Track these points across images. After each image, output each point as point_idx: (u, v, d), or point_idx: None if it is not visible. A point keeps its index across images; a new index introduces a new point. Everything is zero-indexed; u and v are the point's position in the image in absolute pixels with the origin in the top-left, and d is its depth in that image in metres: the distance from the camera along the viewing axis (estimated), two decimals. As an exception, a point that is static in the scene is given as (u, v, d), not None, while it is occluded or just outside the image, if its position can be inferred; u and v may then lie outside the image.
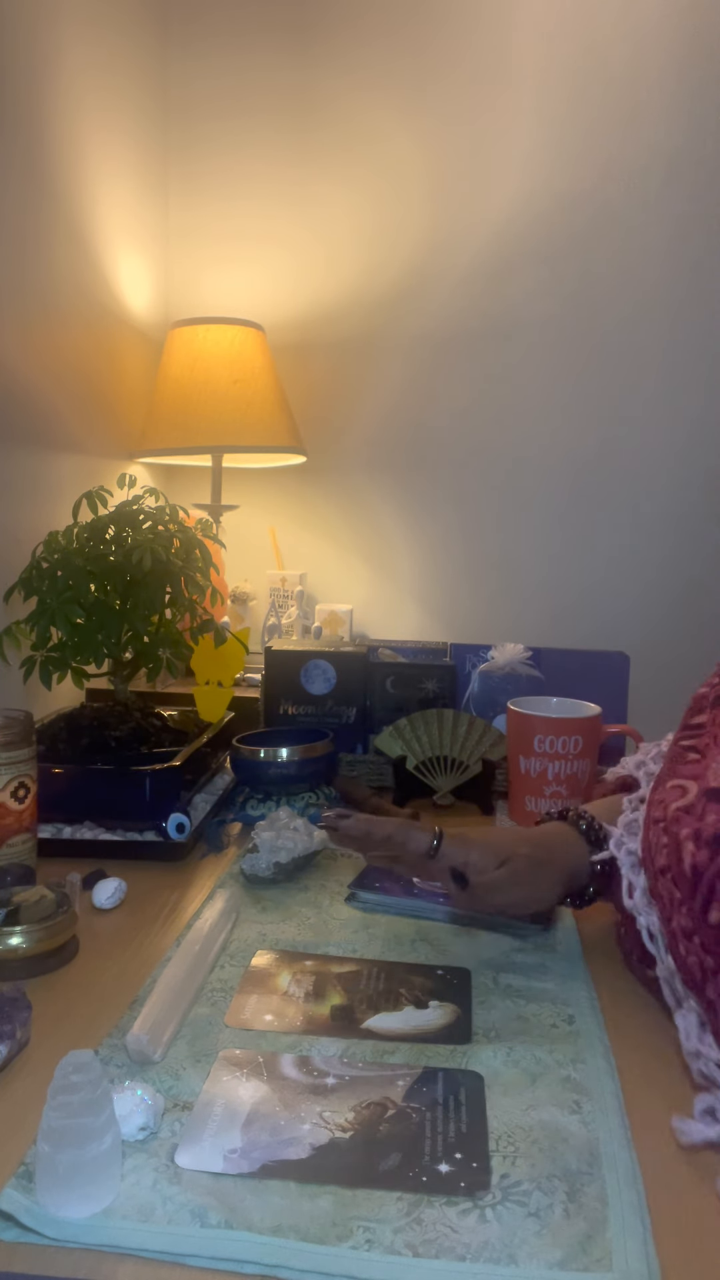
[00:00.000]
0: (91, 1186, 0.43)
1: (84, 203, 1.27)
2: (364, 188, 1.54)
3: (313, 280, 1.57)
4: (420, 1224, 0.43)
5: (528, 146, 1.50)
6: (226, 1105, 0.51)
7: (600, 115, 1.47)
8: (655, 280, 1.49)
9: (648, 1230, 0.43)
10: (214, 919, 0.72)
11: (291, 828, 0.86)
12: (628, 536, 1.56)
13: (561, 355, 1.53)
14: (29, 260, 1.13)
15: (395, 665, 1.15)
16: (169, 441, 1.37)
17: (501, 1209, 0.44)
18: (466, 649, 1.21)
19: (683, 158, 1.46)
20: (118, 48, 1.37)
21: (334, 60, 1.52)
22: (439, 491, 1.60)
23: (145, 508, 0.99)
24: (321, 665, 1.13)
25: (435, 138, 1.52)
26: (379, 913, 0.78)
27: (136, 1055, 0.55)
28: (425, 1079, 0.54)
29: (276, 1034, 0.59)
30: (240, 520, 1.58)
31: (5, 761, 0.76)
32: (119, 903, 0.78)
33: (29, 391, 1.14)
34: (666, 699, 1.30)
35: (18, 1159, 0.47)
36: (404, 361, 1.57)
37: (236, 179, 1.57)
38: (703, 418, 1.51)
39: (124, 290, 1.42)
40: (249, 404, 1.36)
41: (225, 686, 1.08)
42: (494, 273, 1.53)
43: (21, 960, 0.65)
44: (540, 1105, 0.52)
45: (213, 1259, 0.41)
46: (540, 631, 1.54)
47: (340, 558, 1.63)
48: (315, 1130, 0.49)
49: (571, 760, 0.96)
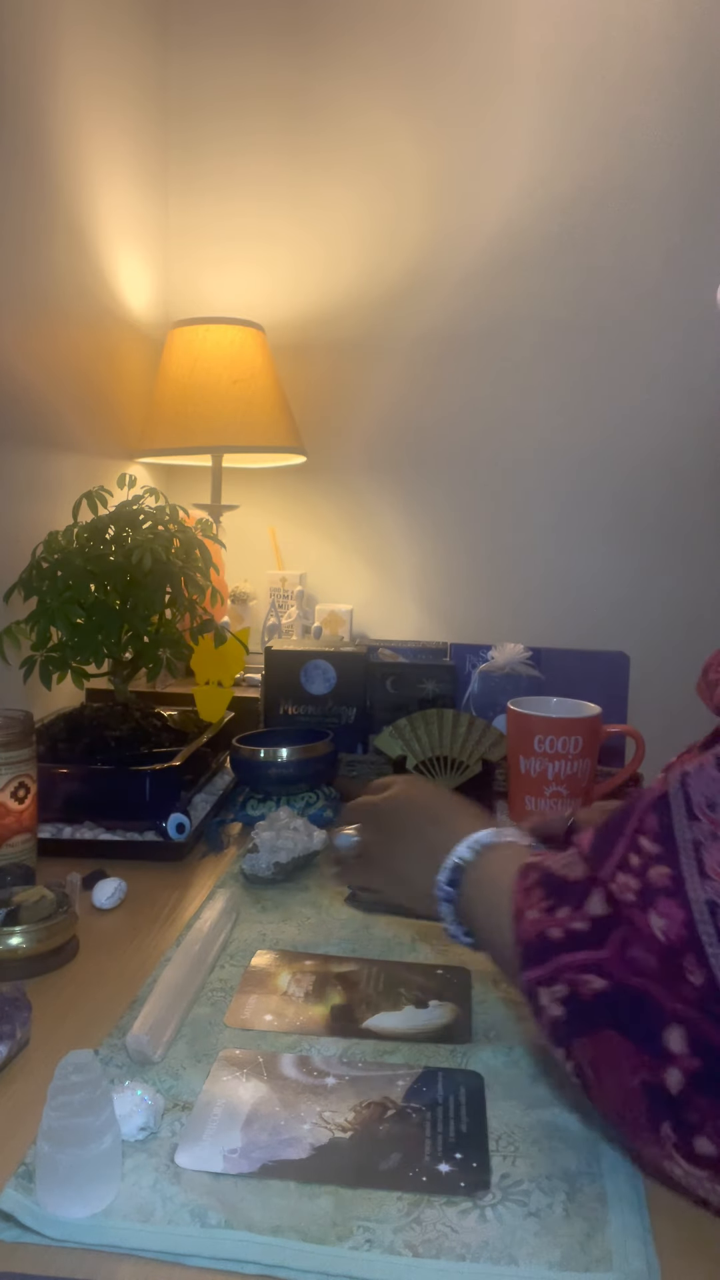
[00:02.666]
0: (91, 1186, 0.43)
1: (84, 203, 1.27)
2: (364, 188, 1.54)
3: (313, 280, 1.57)
4: (420, 1224, 0.43)
5: (528, 146, 1.50)
6: (226, 1105, 0.51)
7: (601, 115, 1.47)
8: (655, 281, 1.49)
9: (648, 1230, 0.43)
10: (214, 919, 0.72)
11: (291, 828, 0.86)
12: (628, 536, 1.56)
13: (562, 355, 1.53)
14: (29, 260, 1.13)
15: (395, 665, 1.15)
16: (169, 441, 1.37)
17: (501, 1209, 0.44)
18: (466, 649, 1.21)
19: (683, 157, 1.46)
20: (118, 48, 1.37)
21: (334, 61, 1.52)
22: (439, 491, 1.59)
23: (145, 508, 0.99)
24: (321, 665, 1.13)
25: (435, 138, 1.52)
26: (378, 913, 0.78)
27: (136, 1055, 0.55)
28: (425, 1079, 0.54)
29: (276, 1034, 0.59)
30: (240, 520, 1.58)
31: (5, 761, 0.76)
32: (119, 903, 0.78)
33: (29, 391, 1.14)
34: (666, 699, 1.31)
35: (18, 1159, 0.47)
36: (404, 361, 1.57)
37: (236, 179, 1.57)
38: (703, 418, 1.51)
39: (124, 290, 1.42)
40: (249, 404, 1.36)
41: (225, 686, 1.08)
42: (494, 273, 1.53)
43: (21, 960, 0.65)
44: (540, 1105, 0.52)
45: (213, 1259, 0.41)
46: (540, 631, 1.53)
47: (340, 558, 1.63)
48: (315, 1130, 0.49)
49: (571, 760, 0.96)
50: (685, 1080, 0.39)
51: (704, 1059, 0.39)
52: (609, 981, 0.43)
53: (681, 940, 0.40)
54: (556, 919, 0.46)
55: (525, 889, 0.49)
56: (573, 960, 0.44)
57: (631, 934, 0.43)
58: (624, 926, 0.43)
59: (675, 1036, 0.40)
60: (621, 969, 0.42)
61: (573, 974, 0.44)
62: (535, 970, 0.46)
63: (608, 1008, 0.42)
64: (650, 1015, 0.41)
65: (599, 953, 0.44)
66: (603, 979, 0.43)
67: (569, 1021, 0.44)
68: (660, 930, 0.41)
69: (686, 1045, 0.40)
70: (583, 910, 0.46)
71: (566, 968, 0.45)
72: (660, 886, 0.42)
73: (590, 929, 0.45)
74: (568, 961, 0.45)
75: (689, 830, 0.43)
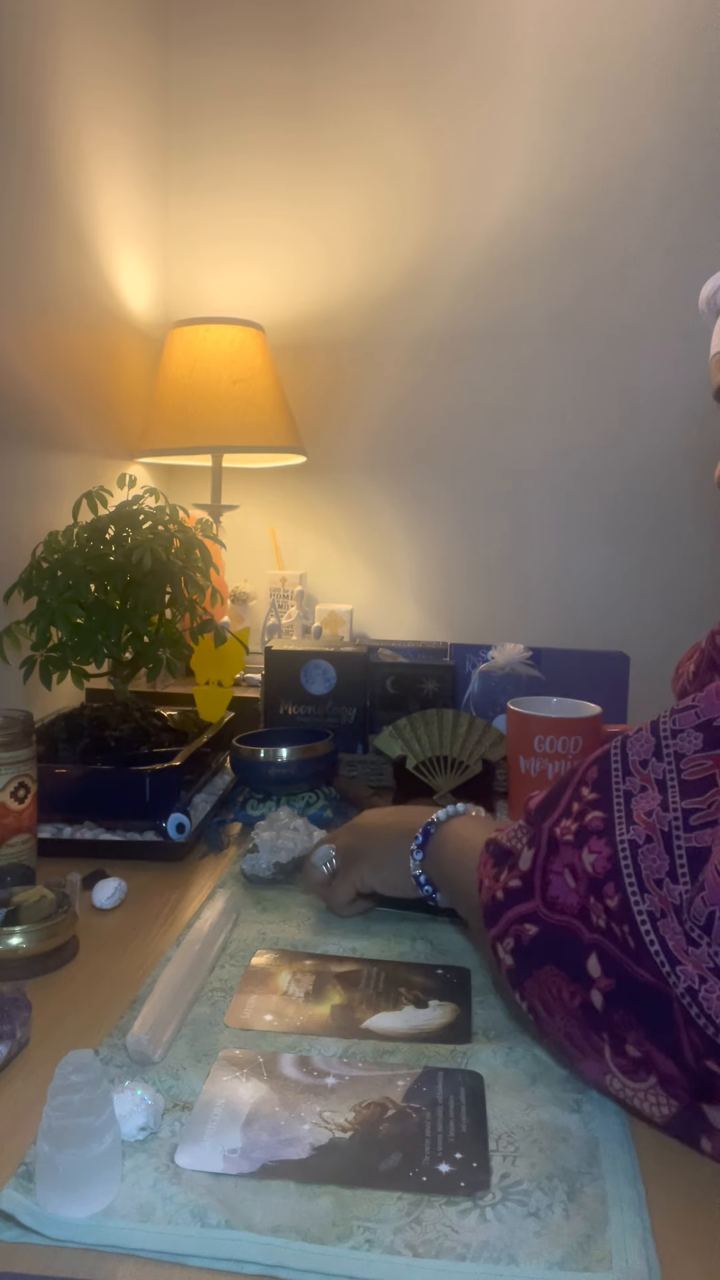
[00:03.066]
0: (91, 1186, 0.43)
1: (84, 203, 1.27)
2: (364, 187, 1.54)
3: (313, 280, 1.57)
4: (420, 1224, 0.43)
5: (529, 146, 1.50)
6: (226, 1105, 0.51)
7: (601, 115, 1.47)
8: (656, 281, 1.49)
9: (648, 1230, 0.43)
10: (214, 919, 0.72)
11: (291, 828, 0.86)
12: (628, 536, 1.56)
13: (562, 356, 1.53)
14: (29, 260, 1.13)
15: (395, 665, 1.15)
16: (169, 441, 1.37)
17: (501, 1209, 0.44)
18: (466, 649, 1.21)
19: (683, 158, 1.46)
20: (118, 46, 1.37)
21: (334, 59, 1.52)
22: (439, 491, 1.59)
23: (145, 508, 0.99)
24: (321, 665, 1.13)
25: (436, 137, 1.52)
26: (385, 907, 0.78)
27: (136, 1055, 0.55)
28: (425, 1079, 0.54)
29: (276, 1034, 0.59)
30: (240, 520, 1.58)
31: (5, 761, 0.76)
32: (119, 903, 0.78)
33: (29, 392, 1.14)
34: (666, 699, 1.30)
35: (18, 1159, 0.47)
36: (404, 361, 1.57)
37: (236, 178, 1.57)
38: (703, 418, 1.51)
39: (124, 290, 1.42)
40: (249, 404, 1.36)
41: (225, 686, 1.08)
42: (495, 272, 1.53)
43: (21, 960, 0.65)
44: (540, 1105, 0.52)
45: (213, 1259, 0.41)
46: (540, 631, 1.53)
47: (340, 558, 1.63)
48: (315, 1130, 0.49)
49: (571, 760, 0.96)
50: (604, 998, 0.47)
51: (614, 977, 0.47)
52: (539, 927, 0.50)
53: (604, 872, 0.48)
54: (500, 883, 0.54)
55: (484, 861, 0.57)
56: (514, 913, 0.52)
57: (550, 877, 0.51)
58: (542, 873, 0.51)
59: (593, 962, 0.48)
60: (547, 912, 0.50)
61: (515, 925, 0.52)
62: (491, 929, 0.54)
63: (543, 948, 0.50)
64: (574, 947, 0.49)
65: (530, 903, 0.51)
66: (535, 925, 0.51)
67: (517, 968, 0.52)
68: (590, 864, 0.49)
69: (600, 967, 0.47)
70: (516, 869, 0.53)
71: (512, 921, 0.52)
72: (594, 829, 0.50)
73: (521, 885, 0.52)
74: (511, 915, 0.52)
75: (623, 783, 0.51)
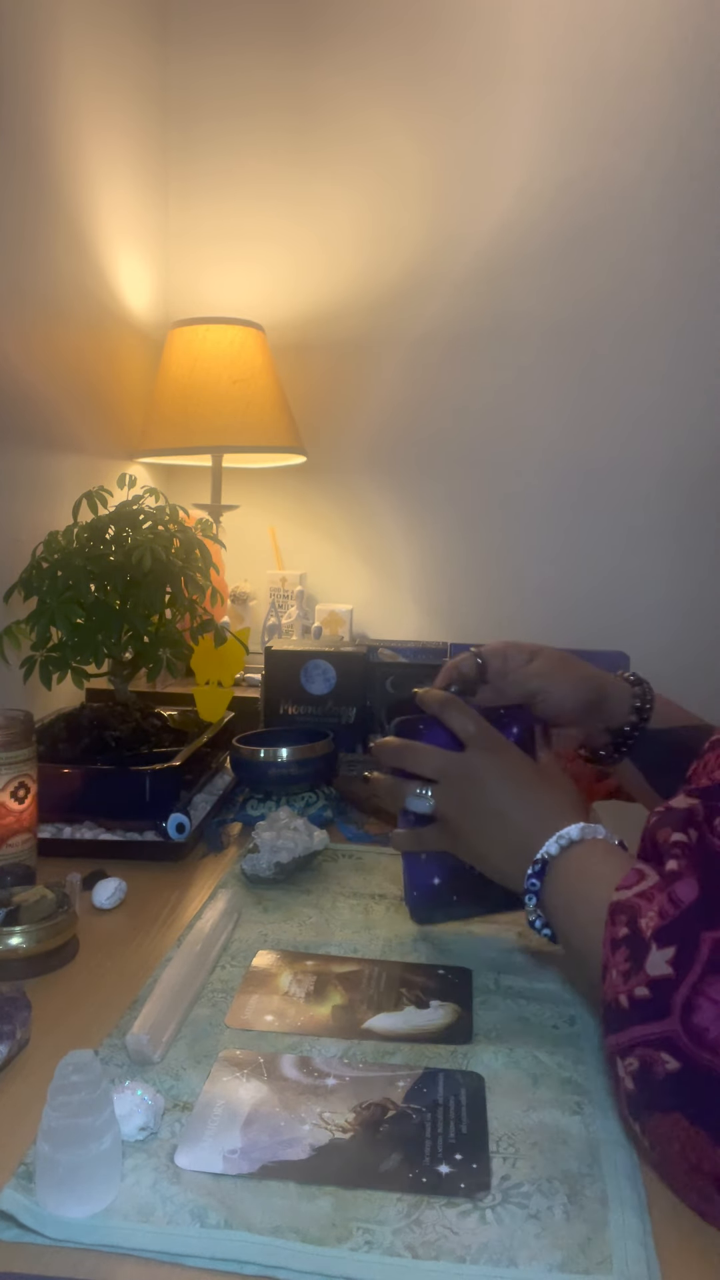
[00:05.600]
0: (91, 1186, 0.43)
1: (84, 203, 1.27)
2: (364, 187, 1.54)
3: (313, 280, 1.57)
4: (420, 1225, 0.43)
5: (528, 146, 1.50)
6: (226, 1106, 0.51)
7: (602, 115, 1.47)
8: (656, 282, 1.49)
9: (648, 1231, 0.43)
10: (215, 919, 0.72)
11: (292, 828, 0.85)
12: (628, 536, 1.56)
13: (562, 356, 1.53)
14: (29, 260, 1.13)
15: (395, 665, 1.15)
16: (169, 441, 1.36)
17: (501, 1210, 0.44)
18: (466, 649, 1.21)
19: (684, 158, 1.46)
20: (117, 47, 1.37)
21: (334, 59, 1.52)
22: (439, 491, 1.59)
23: (145, 508, 0.99)
24: (321, 665, 1.13)
25: (436, 137, 1.52)
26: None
27: (136, 1055, 0.55)
28: (426, 1080, 0.54)
29: (277, 1034, 0.59)
30: (240, 520, 1.58)
31: (5, 761, 0.76)
32: (119, 903, 0.78)
33: (29, 391, 1.14)
34: (667, 699, 1.30)
35: (18, 1159, 0.47)
36: (404, 361, 1.57)
37: (236, 179, 1.57)
38: (703, 419, 1.51)
39: (124, 290, 1.42)
40: (249, 404, 1.36)
41: (225, 686, 1.08)
42: (495, 273, 1.53)
43: (21, 960, 0.65)
44: (541, 1106, 0.52)
45: (212, 1259, 0.41)
46: (540, 631, 1.53)
47: (340, 558, 1.63)
48: (315, 1131, 0.49)
49: (571, 760, 0.96)
50: None
51: None
52: (681, 1063, 0.41)
53: None
54: (627, 985, 0.44)
55: (610, 939, 0.47)
56: (645, 1033, 0.43)
57: (699, 1001, 0.41)
58: (684, 989, 0.41)
59: None
60: (690, 1043, 0.40)
61: (645, 1049, 0.42)
62: (612, 1037, 0.45)
63: (679, 1089, 0.41)
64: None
65: (663, 1024, 0.42)
66: (676, 1059, 0.41)
67: (639, 1097, 0.43)
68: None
69: None
70: (643, 972, 0.44)
71: (640, 1041, 0.43)
72: None
73: (650, 995, 0.43)
74: (640, 1034, 0.43)
75: None
